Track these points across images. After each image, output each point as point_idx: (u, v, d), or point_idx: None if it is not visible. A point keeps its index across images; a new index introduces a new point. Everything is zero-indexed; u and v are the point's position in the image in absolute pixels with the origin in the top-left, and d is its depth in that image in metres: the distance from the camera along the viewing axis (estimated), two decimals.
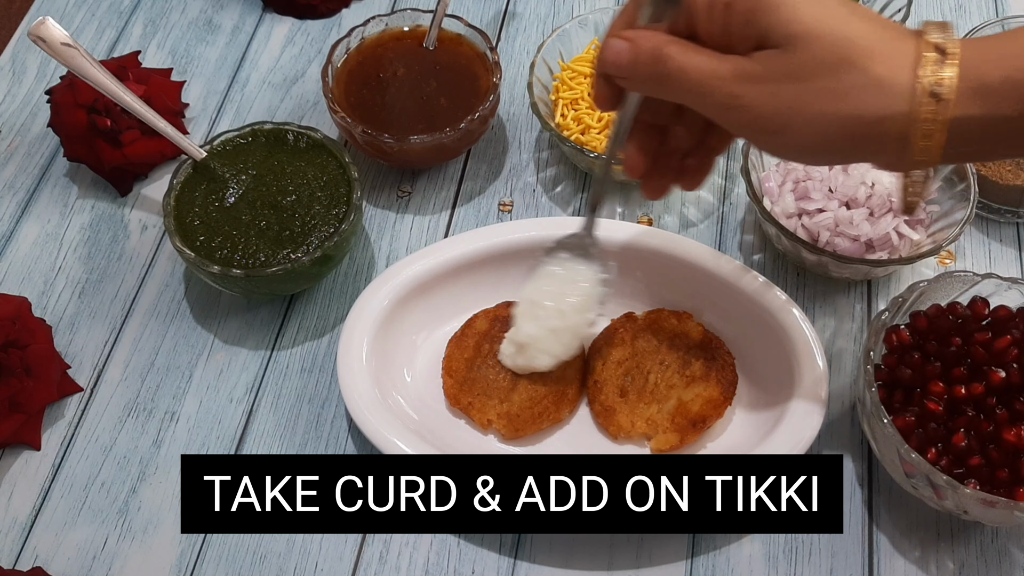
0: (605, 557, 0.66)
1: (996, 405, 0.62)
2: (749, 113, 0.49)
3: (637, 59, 0.52)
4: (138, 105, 0.75)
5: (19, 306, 0.74)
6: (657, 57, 0.51)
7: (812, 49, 0.47)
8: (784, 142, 0.51)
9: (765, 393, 0.70)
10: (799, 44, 0.47)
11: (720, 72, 0.49)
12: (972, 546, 0.66)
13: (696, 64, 0.50)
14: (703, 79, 0.50)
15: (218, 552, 0.67)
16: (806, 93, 0.48)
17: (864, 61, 0.47)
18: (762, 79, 0.49)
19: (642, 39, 0.52)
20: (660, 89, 0.52)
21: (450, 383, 0.71)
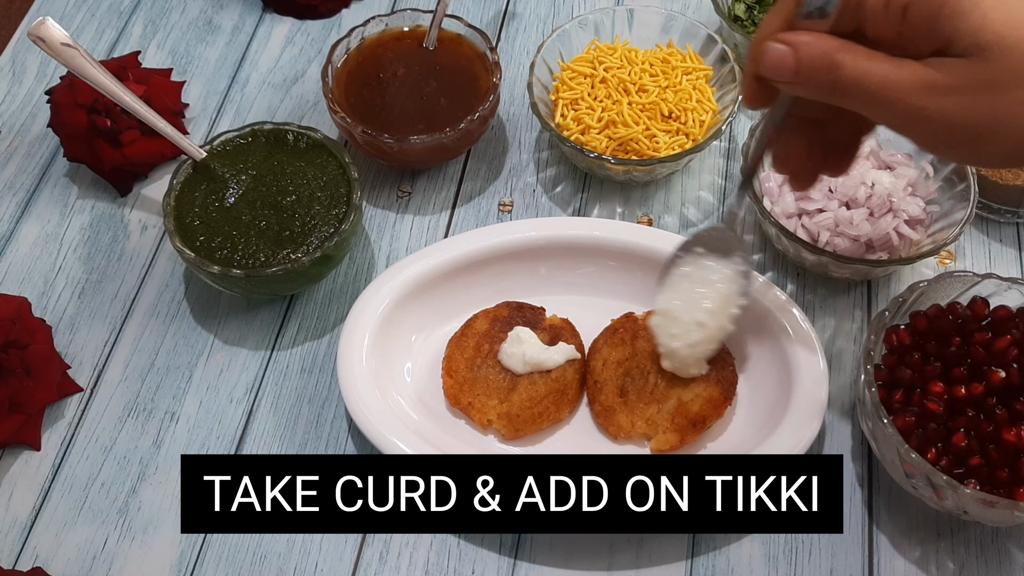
0: (605, 557, 0.66)
1: (996, 405, 0.62)
2: (935, 125, 0.47)
3: (803, 66, 0.49)
4: (138, 105, 0.75)
5: (19, 306, 0.74)
6: (828, 66, 0.48)
7: (1007, 59, 0.45)
8: (980, 152, 0.48)
9: (765, 393, 0.70)
10: (991, 54, 0.45)
11: (902, 83, 0.46)
12: (972, 546, 0.66)
13: (872, 72, 0.47)
14: (883, 91, 0.47)
15: (218, 552, 0.67)
16: (1004, 104, 0.46)
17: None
18: (951, 90, 0.46)
19: (806, 44, 0.48)
20: (830, 97, 0.49)
21: (450, 383, 0.71)
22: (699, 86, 0.82)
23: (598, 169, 0.81)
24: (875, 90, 0.47)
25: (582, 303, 0.76)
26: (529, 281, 0.76)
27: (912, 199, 0.75)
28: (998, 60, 0.45)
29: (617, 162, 0.77)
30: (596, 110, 0.81)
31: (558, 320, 0.74)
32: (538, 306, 0.74)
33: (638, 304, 0.75)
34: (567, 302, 0.75)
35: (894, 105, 0.47)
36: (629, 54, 0.84)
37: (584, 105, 0.81)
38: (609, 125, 0.80)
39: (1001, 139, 0.47)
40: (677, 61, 0.83)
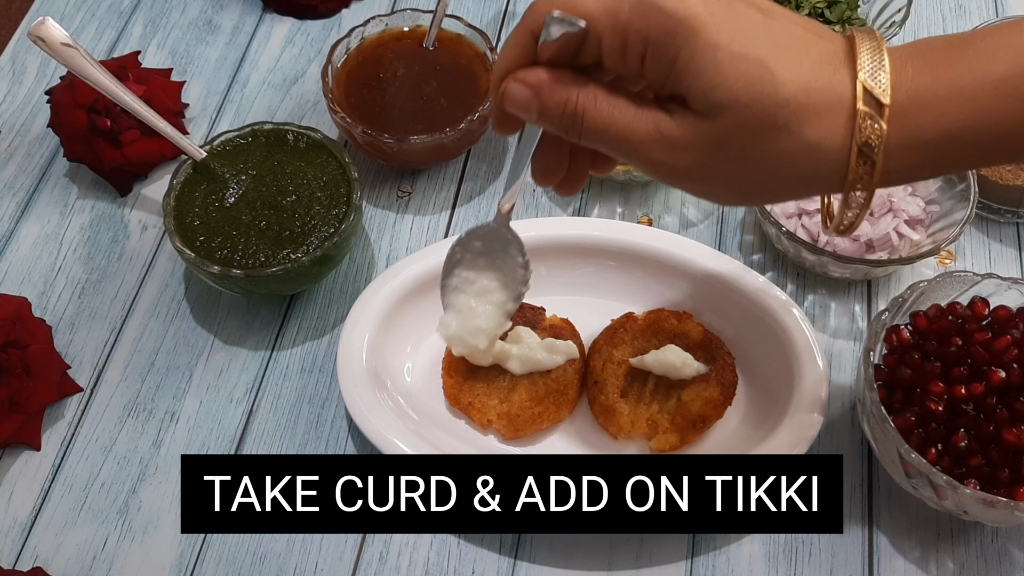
0: (605, 557, 0.66)
1: (996, 405, 0.62)
2: (679, 173, 0.47)
3: (545, 111, 0.47)
4: (138, 105, 0.75)
5: (19, 306, 0.74)
6: (569, 113, 0.47)
7: (740, 117, 0.44)
8: (716, 197, 0.49)
9: (765, 393, 0.70)
10: (725, 113, 0.44)
11: (642, 133, 0.46)
12: (972, 546, 0.66)
13: (614, 122, 0.46)
14: (624, 142, 0.47)
15: (218, 552, 0.67)
16: (737, 160, 0.45)
17: (796, 125, 0.44)
18: (688, 145, 0.45)
19: (548, 88, 0.47)
20: (577, 141, 0.48)
21: (450, 383, 0.71)
22: None
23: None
24: (619, 141, 0.47)
25: (582, 303, 0.76)
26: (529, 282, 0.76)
27: (912, 199, 0.75)
28: (731, 119, 0.44)
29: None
30: None
31: (558, 320, 0.74)
32: (538, 306, 0.74)
33: (638, 304, 0.75)
34: (567, 302, 0.75)
35: (637, 155, 0.47)
36: None
37: None
38: None
39: (731, 189, 0.47)
40: None
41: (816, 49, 0.45)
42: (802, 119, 0.44)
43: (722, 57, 0.43)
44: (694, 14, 0.43)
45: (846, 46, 0.45)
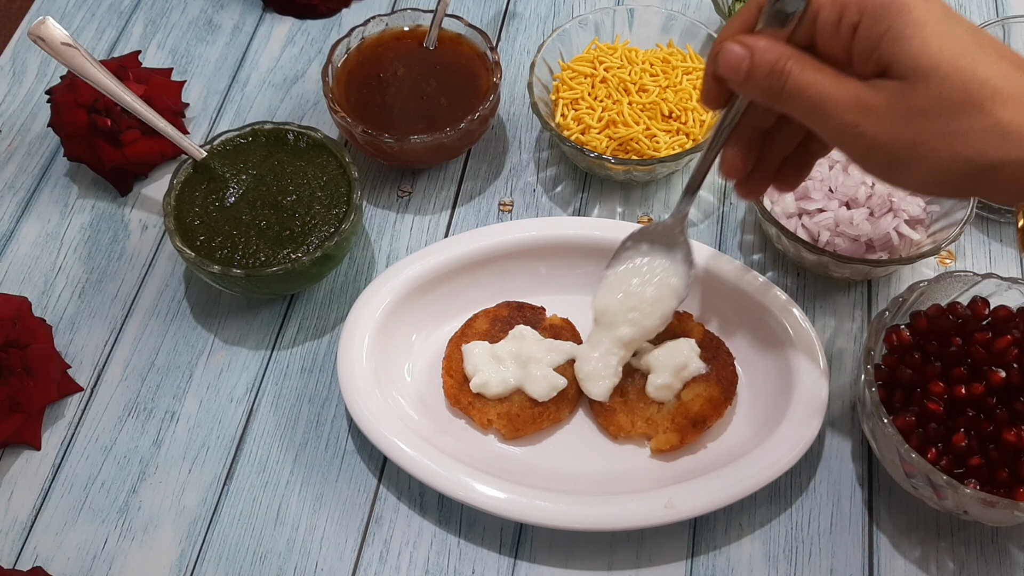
0: (605, 557, 0.66)
1: (996, 405, 0.62)
2: (866, 143, 0.49)
3: (755, 69, 0.51)
4: (138, 105, 0.75)
5: (19, 306, 0.74)
6: (776, 71, 0.50)
7: (939, 87, 0.46)
8: (899, 177, 0.50)
9: (765, 393, 0.70)
10: (926, 80, 0.46)
11: (840, 97, 0.49)
12: (972, 546, 0.66)
13: (816, 84, 0.49)
14: (822, 102, 0.49)
15: (218, 552, 0.67)
16: (928, 132, 0.47)
17: (990, 104, 0.46)
18: (883, 112, 0.48)
19: (761, 49, 0.51)
20: (775, 102, 0.52)
21: (450, 383, 0.71)
22: (699, 86, 0.82)
23: (598, 169, 0.81)
24: (815, 101, 0.50)
25: (582, 303, 0.75)
26: (529, 281, 0.76)
27: (912, 199, 0.75)
28: (930, 87, 0.47)
29: (617, 162, 0.77)
30: (596, 110, 0.81)
31: (558, 320, 0.74)
32: (538, 306, 0.74)
33: None
34: (567, 302, 0.75)
35: (829, 117, 0.50)
36: (629, 54, 0.84)
37: (584, 105, 0.81)
38: (609, 125, 0.80)
39: (917, 167, 0.49)
40: (677, 61, 0.83)
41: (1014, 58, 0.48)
42: (997, 101, 0.46)
43: (930, 32, 0.47)
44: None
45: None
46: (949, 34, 0.47)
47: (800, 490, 0.68)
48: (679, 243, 0.67)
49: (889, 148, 0.49)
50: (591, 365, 0.69)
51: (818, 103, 0.49)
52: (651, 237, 0.68)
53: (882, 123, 0.48)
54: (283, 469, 0.70)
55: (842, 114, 0.49)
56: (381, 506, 0.69)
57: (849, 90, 0.49)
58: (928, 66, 0.46)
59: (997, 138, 0.46)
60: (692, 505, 0.63)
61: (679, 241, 0.67)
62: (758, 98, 0.53)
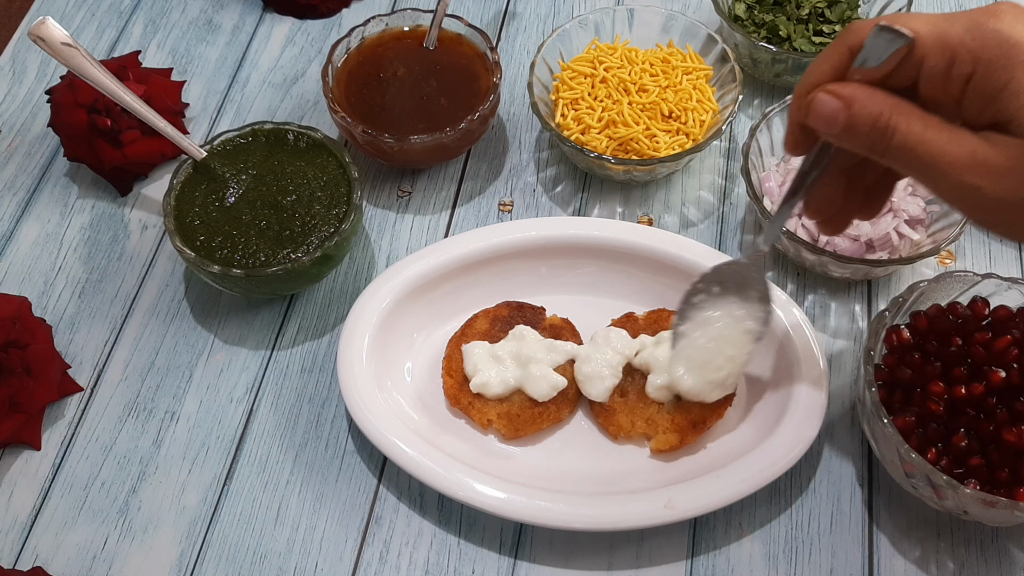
0: (605, 557, 0.66)
1: (996, 405, 0.62)
2: (988, 204, 0.46)
3: (854, 123, 0.47)
4: (138, 105, 0.75)
5: (19, 306, 0.74)
6: (880, 128, 0.46)
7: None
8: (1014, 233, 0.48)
9: (765, 393, 0.70)
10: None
11: (956, 156, 0.45)
12: (972, 546, 0.66)
13: (927, 143, 0.46)
14: (935, 161, 0.46)
15: (218, 552, 0.67)
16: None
17: None
18: (1005, 170, 0.44)
19: (860, 102, 0.47)
20: (880, 158, 0.48)
21: (450, 383, 0.71)
22: (699, 86, 0.82)
23: (598, 169, 0.81)
24: (928, 161, 0.46)
25: (582, 303, 0.76)
26: (529, 281, 0.76)
27: (912, 199, 0.75)
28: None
29: (617, 162, 0.77)
30: (596, 110, 0.81)
31: (558, 320, 0.74)
32: (538, 306, 0.74)
33: (638, 304, 0.75)
34: (567, 302, 0.75)
35: (946, 178, 0.46)
36: (629, 54, 0.84)
37: (584, 105, 0.81)
38: (609, 125, 0.80)
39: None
40: (677, 61, 0.83)
41: None
42: None
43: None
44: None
45: None
46: None
47: (800, 490, 0.68)
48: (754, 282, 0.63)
49: (1013, 207, 0.45)
50: (591, 366, 0.69)
51: (931, 163, 0.46)
52: (723, 277, 0.64)
53: (1004, 182, 0.45)
54: (283, 469, 0.70)
55: (960, 175, 0.45)
56: (381, 506, 0.69)
57: (966, 148, 0.45)
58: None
59: None
60: (692, 505, 0.63)
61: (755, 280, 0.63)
62: (858, 150, 0.49)
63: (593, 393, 0.68)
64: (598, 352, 0.69)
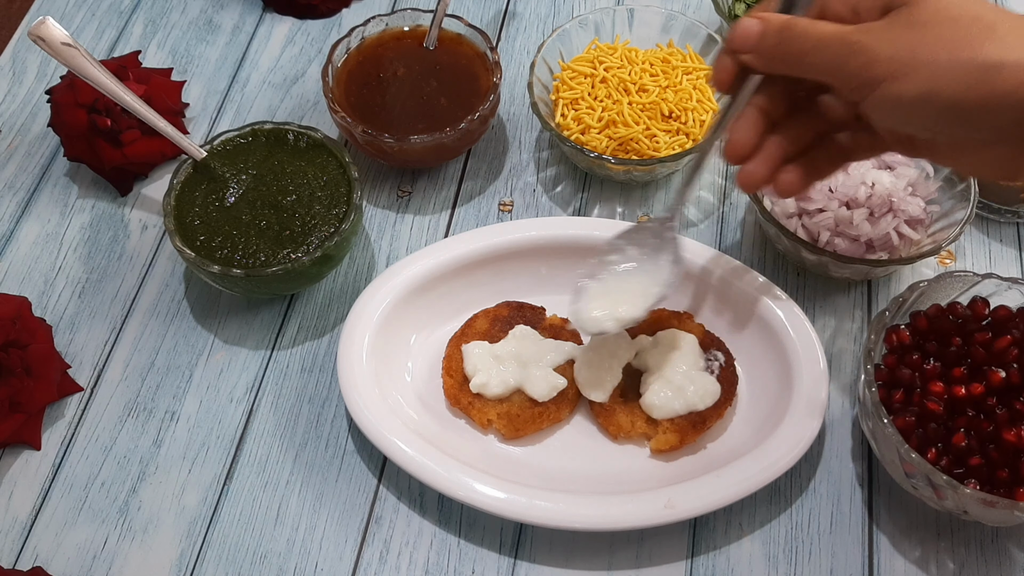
0: (605, 557, 0.66)
1: (996, 405, 0.62)
2: (865, 56, 0.51)
3: (765, 31, 0.54)
4: (138, 105, 0.75)
5: (19, 306, 0.74)
6: (784, 25, 0.54)
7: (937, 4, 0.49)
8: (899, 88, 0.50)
9: (765, 393, 0.70)
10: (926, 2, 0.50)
11: (841, 29, 0.52)
12: (972, 546, 0.66)
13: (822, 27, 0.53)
14: (825, 36, 0.52)
15: (218, 552, 0.67)
16: (928, 38, 0.49)
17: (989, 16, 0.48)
18: (883, 27, 0.51)
19: (771, 18, 0.55)
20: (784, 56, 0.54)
21: (450, 383, 0.71)
22: (699, 86, 0.82)
23: (598, 169, 0.81)
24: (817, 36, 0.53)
25: None
26: (529, 281, 0.76)
27: (912, 199, 0.75)
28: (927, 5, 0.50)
29: (617, 162, 0.77)
30: (596, 110, 0.81)
31: (558, 320, 0.74)
32: (538, 306, 0.74)
33: None
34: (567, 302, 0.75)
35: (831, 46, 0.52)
36: (629, 54, 0.84)
37: (584, 105, 0.81)
38: (609, 125, 0.80)
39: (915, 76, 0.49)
40: (677, 61, 0.83)
41: None
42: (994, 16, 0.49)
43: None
44: None
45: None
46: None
47: (800, 490, 0.68)
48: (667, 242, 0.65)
49: (888, 59, 0.50)
50: (591, 366, 0.69)
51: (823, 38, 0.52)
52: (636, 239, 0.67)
53: (881, 36, 0.50)
54: (283, 469, 0.70)
55: (844, 37, 0.51)
56: (381, 506, 0.69)
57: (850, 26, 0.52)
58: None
59: (995, 40, 0.48)
60: (692, 505, 0.63)
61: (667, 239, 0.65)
62: (770, 61, 0.55)
63: (593, 393, 0.68)
64: (598, 352, 0.69)
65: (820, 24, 0.53)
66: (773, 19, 0.55)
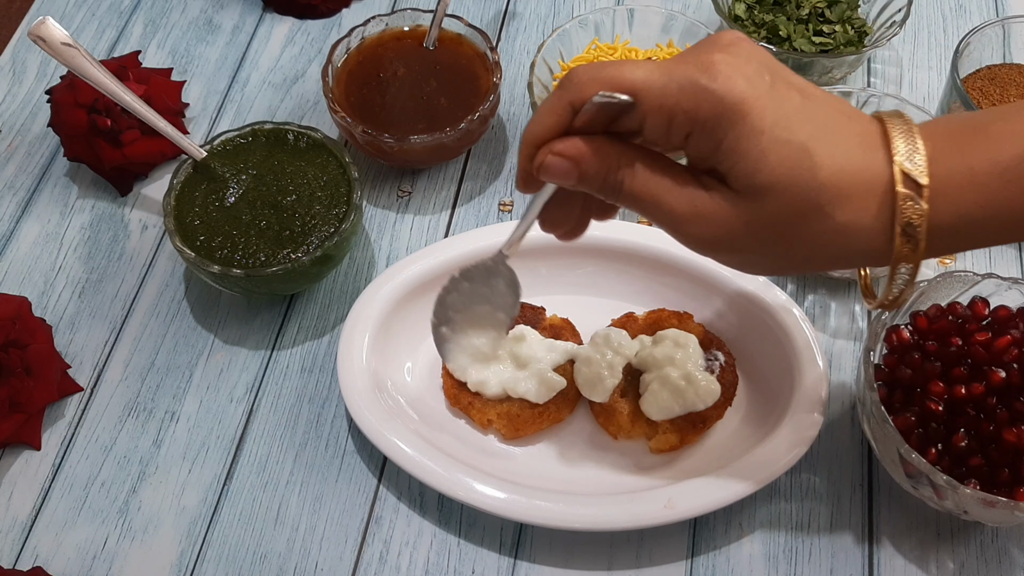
0: (605, 557, 0.66)
1: (996, 405, 0.62)
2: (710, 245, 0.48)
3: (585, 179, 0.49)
4: (138, 105, 0.75)
5: (19, 306, 0.74)
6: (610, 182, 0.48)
7: (778, 202, 0.45)
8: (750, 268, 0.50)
9: (765, 393, 0.70)
10: (764, 197, 0.45)
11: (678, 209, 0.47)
12: (972, 546, 0.66)
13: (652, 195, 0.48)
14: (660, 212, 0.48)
15: (218, 552, 0.67)
16: (772, 239, 0.47)
17: (830, 208, 0.45)
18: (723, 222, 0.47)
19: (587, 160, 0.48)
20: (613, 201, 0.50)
21: (450, 383, 0.71)
22: None
23: None
24: (654, 212, 0.48)
25: (582, 303, 0.76)
26: (529, 281, 0.75)
27: None
28: (768, 204, 0.45)
29: None
30: None
31: (558, 320, 0.74)
32: (538, 306, 0.74)
33: (638, 304, 0.75)
34: (567, 302, 0.75)
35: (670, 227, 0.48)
36: (629, 54, 0.84)
37: None
38: None
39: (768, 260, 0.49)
40: None
41: (851, 131, 0.46)
42: (835, 203, 0.45)
43: (766, 142, 0.44)
44: (743, 99, 0.44)
45: (879, 129, 0.46)
46: (786, 139, 0.44)
47: (800, 490, 0.68)
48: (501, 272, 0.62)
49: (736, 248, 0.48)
50: (591, 366, 0.68)
51: (656, 213, 0.48)
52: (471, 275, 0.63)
53: (724, 230, 0.47)
54: (283, 469, 0.70)
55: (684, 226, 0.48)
56: (381, 506, 0.69)
57: (686, 200, 0.47)
58: (766, 182, 0.45)
59: (838, 236, 0.46)
60: (692, 505, 0.63)
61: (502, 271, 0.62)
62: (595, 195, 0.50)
63: (593, 393, 0.68)
64: (598, 352, 0.69)
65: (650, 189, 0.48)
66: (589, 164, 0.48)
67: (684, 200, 0.47)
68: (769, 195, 0.45)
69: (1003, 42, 0.84)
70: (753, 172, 0.45)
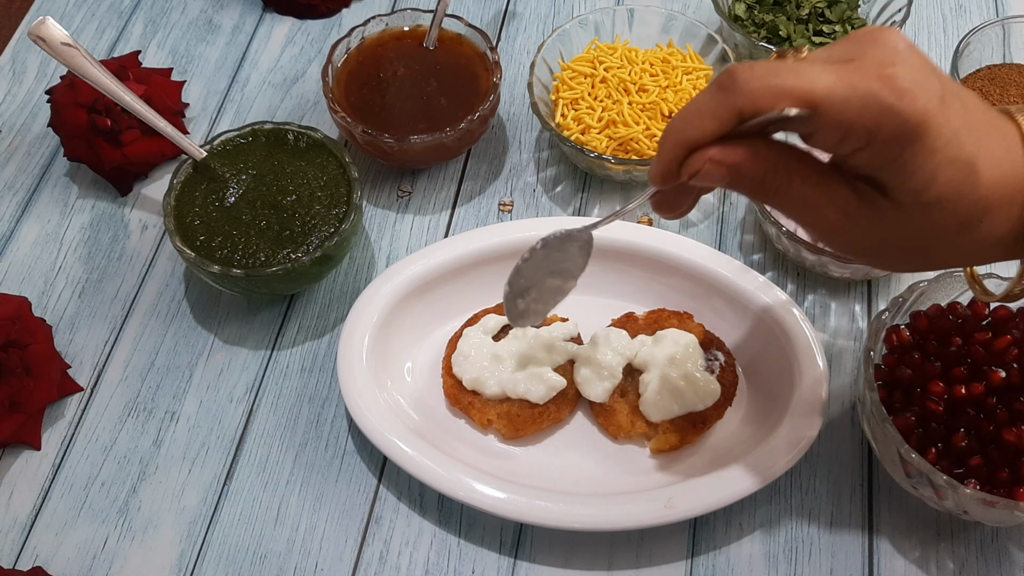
0: (605, 557, 0.66)
1: (996, 405, 0.62)
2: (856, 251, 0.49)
3: (737, 184, 0.47)
4: (138, 105, 0.75)
5: (19, 306, 0.74)
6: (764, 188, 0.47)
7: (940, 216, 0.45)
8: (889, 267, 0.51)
9: (765, 393, 0.70)
10: (928, 211, 0.45)
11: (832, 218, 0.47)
12: (972, 546, 0.66)
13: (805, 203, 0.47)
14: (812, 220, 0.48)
15: (218, 552, 0.67)
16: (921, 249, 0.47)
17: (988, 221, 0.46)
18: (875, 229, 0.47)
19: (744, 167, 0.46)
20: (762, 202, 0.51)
21: (450, 383, 0.71)
22: (699, 86, 0.82)
23: (598, 169, 0.81)
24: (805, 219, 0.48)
25: (582, 303, 0.76)
26: None
27: None
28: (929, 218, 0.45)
29: (617, 162, 0.77)
30: (596, 110, 0.81)
31: (558, 320, 0.73)
32: None
33: (638, 304, 0.75)
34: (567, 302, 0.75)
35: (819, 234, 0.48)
36: (629, 54, 0.84)
37: (584, 105, 0.81)
38: (609, 125, 0.80)
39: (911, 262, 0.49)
40: (677, 61, 0.83)
41: (997, 137, 0.46)
42: (987, 215, 0.45)
43: (939, 161, 0.43)
44: (924, 119, 0.43)
45: (1015, 129, 0.46)
46: (956, 156, 0.43)
47: (800, 490, 0.68)
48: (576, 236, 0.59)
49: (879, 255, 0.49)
50: (591, 366, 0.69)
51: (809, 220, 0.48)
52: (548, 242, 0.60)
53: (875, 237, 0.47)
54: (283, 469, 0.70)
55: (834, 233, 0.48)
56: (381, 506, 0.69)
57: (837, 210, 0.46)
58: (932, 200, 0.44)
59: (978, 246, 0.47)
60: (692, 505, 0.63)
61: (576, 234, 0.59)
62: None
63: (593, 394, 0.68)
64: (598, 352, 0.69)
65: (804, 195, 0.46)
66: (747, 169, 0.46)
67: (839, 208, 0.46)
68: (932, 210, 0.45)
69: (1003, 42, 0.84)
70: (923, 190, 0.44)
